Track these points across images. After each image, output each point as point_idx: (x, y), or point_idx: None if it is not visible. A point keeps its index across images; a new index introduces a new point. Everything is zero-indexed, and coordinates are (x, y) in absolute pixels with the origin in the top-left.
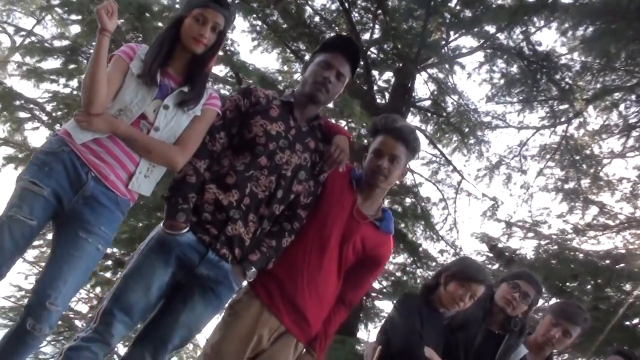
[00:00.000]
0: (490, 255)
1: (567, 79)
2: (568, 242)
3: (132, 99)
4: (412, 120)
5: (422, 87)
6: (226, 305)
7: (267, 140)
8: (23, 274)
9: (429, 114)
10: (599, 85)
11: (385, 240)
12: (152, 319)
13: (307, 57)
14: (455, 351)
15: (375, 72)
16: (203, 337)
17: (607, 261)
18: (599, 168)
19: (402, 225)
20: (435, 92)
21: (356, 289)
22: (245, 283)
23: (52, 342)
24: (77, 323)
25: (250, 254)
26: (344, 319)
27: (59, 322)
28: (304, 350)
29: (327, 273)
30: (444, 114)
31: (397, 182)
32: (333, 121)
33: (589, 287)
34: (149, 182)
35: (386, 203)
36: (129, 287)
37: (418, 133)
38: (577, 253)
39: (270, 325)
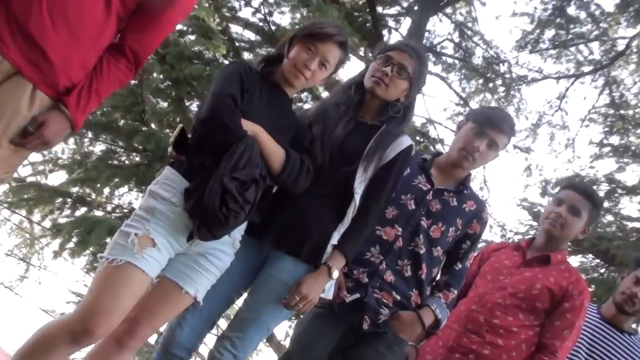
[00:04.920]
0: (534, 224)
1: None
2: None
3: None
4: (433, 68)
5: (448, 43)
6: None
7: None
8: None
9: (454, 61)
10: None
11: None
12: None
13: None
14: (311, 145)
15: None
16: None
17: None
18: None
19: None
20: (459, 39)
21: (139, 32)
22: None
23: None
24: None
25: None
26: (128, 78)
27: None
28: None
29: None
30: (467, 58)
31: None
32: None
33: None
34: None
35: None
36: None
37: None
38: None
39: None
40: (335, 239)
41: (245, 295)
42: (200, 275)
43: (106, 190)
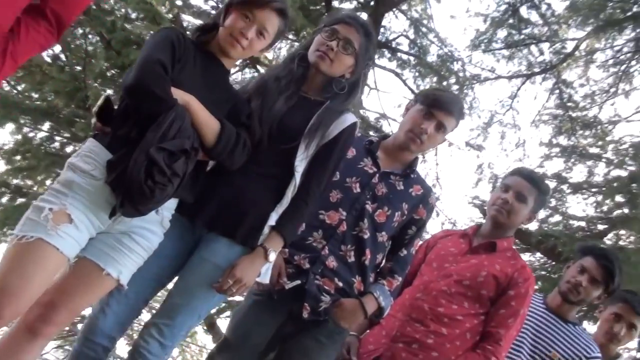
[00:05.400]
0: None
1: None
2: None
3: None
4: (388, 64)
5: (403, 40)
6: None
7: None
8: None
9: (408, 58)
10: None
11: None
12: None
13: None
14: (248, 120)
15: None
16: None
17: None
18: (599, 127)
19: None
20: (414, 36)
21: None
22: None
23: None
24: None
25: None
26: (49, 42)
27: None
28: None
29: None
30: (422, 55)
31: None
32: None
33: None
34: None
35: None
36: None
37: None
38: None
39: None
40: (273, 219)
41: (176, 279)
42: (124, 255)
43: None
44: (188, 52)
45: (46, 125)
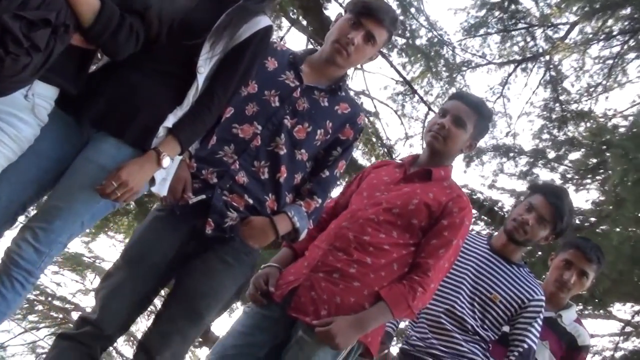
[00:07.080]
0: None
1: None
2: None
3: None
4: None
5: None
6: None
7: None
8: None
9: (395, 39)
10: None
11: None
12: None
13: None
14: (143, 9)
15: None
16: None
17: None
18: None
19: None
20: (402, 17)
21: None
22: None
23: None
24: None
25: None
26: None
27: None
28: None
29: None
30: (411, 38)
31: None
32: None
33: None
34: None
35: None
36: None
37: None
38: None
39: None
40: (170, 121)
41: None
42: None
43: None
44: None
45: None
